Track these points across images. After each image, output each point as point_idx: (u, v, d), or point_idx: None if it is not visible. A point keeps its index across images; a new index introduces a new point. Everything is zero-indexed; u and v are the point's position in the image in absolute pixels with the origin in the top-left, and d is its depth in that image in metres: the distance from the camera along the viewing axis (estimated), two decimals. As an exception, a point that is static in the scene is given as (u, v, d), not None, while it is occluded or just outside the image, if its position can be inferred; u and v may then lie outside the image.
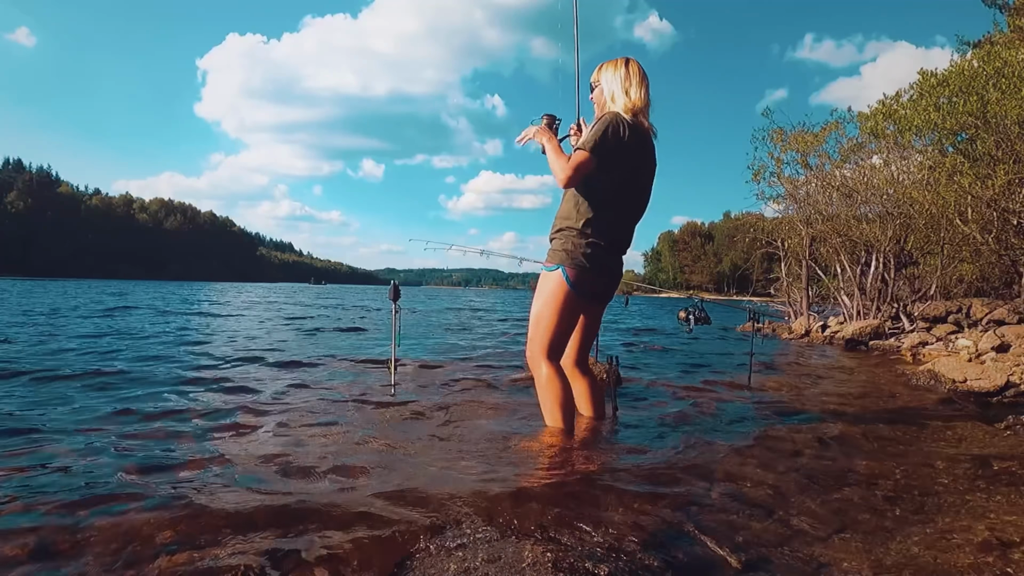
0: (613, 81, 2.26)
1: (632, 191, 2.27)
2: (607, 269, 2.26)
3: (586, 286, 2.21)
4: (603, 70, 2.30)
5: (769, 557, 1.29)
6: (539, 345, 2.22)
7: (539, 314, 2.23)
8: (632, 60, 2.29)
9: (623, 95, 2.23)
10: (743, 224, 13.01)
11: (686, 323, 3.24)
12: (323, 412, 2.64)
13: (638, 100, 2.23)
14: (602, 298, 2.37)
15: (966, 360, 4.11)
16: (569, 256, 2.18)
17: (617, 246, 2.28)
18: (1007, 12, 12.45)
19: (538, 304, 2.25)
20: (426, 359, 4.65)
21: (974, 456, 2.14)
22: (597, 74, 2.32)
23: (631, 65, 2.27)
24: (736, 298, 33.44)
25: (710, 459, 2.04)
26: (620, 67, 2.27)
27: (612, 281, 2.34)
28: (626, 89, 2.24)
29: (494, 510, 1.50)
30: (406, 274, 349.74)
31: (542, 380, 2.23)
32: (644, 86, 2.26)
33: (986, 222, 6.45)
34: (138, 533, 1.34)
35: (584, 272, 2.18)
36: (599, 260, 2.20)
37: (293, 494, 1.60)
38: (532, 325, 2.26)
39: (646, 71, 2.29)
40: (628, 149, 2.15)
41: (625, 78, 2.24)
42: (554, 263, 2.21)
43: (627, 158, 2.17)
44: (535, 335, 2.24)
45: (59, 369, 3.60)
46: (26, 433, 2.17)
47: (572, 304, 2.21)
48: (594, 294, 2.29)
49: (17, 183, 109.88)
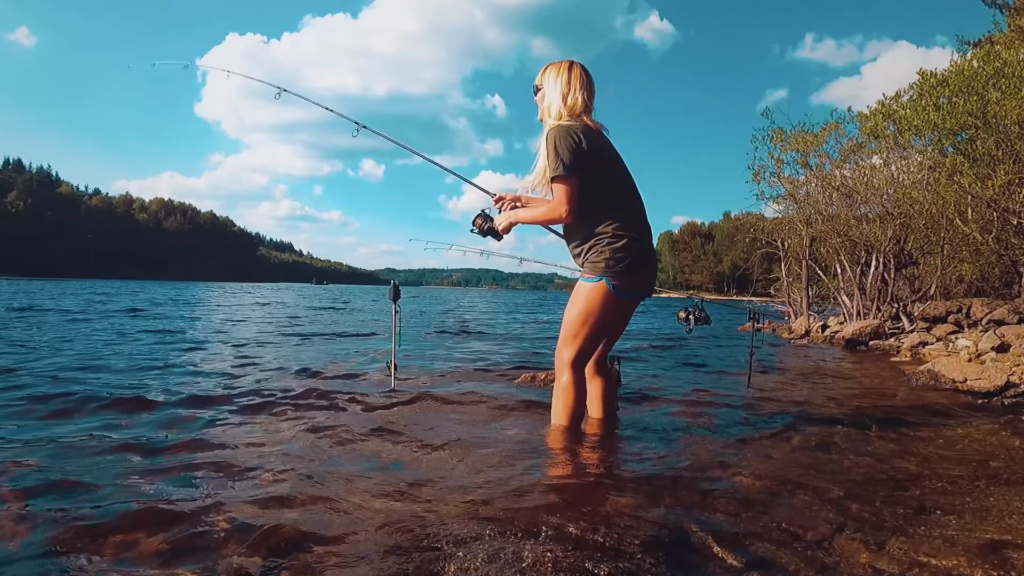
0: (553, 87, 2.20)
1: (618, 181, 2.24)
2: (646, 258, 2.21)
3: (633, 285, 2.18)
4: (547, 73, 2.24)
5: (769, 556, 1.29)
6: (569, 352, 2.20)
7: (574, 323, 2.19)
8: (576, 64, 2.23)
9: (560, 101, 2.17)
10: (743, 224, 13.02)
11: (686, 323, 3.24)
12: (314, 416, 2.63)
13: (575, 105, 2.16)
14: (648, 287, 2.30)
15: (966, 360, 4.11)
16: (608, 266, 2.12)
17: (647, 233, 2.25)
18: (1007, 12, 12.46)
19: (574, 312, 2.19)
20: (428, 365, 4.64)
21: (974, 456, 2.14)
22: (541, 77, 2.26)
23: (574, 69, 2.21)
24: (736, 298, 33.47)
25: (710, 458, 2.04)
26: (563, 72, 2.21)
27: (654, 269, 2.28)
28: (563, 95, 2.17)
29: (494, 510, 1.50)
30: (406, 274, 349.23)
31: (562, 385, 2.24)
32: (585, 90, 2.19)
33: (986, 222, 6.45)
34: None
35: (627, 272, 2.13)
36: (639, 253, 2.16)
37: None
38: (566, 331, 2.22)
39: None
40: (590, 151, 2.11)
41: (566, 83, 2.18)
42: (596, 274, 2.14)
43: (596, 159, 2.13)
44: (568, 342, 2.21)
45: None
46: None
47: (613, 310, 2.18)
48: (640, 288, 2.24)
49: (17, 183, 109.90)
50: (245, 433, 2.29)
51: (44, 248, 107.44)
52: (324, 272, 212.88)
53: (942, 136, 6.85)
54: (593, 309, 2.16)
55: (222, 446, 2.08)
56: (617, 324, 2.35)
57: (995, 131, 6.04)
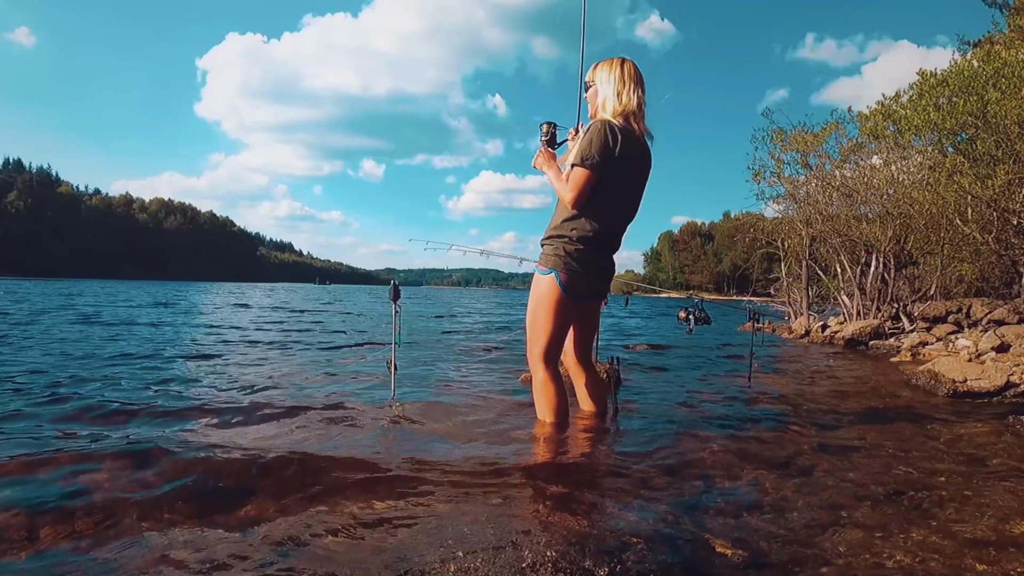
0: (607, 83, 2.21)
1: (622, 196, 2.25)
2: (598, 270, 2.27)
3: (579, 288, 2.22)
4: (598, 69, 2.26)
5: (769, 554, 1.30)
6: (536, 350, 2.24)
7: (534, 318, 2.24)
8: (627, 61, 2.25)
9: (614, 98, 2.19)
10: (743, 224, 13.01)
11: (686, 323, 3.24)
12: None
13: (629, 103, 2.18)
14: (597, 296, 2.37)
15: (966, 360, 4.11)
16: (561, 261, 2.17)
17: (607, 249, 2.28)
18: (1007, 12, 12.46)
19: (532, 308, 2.25)
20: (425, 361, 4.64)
21: (974, 455, 2.14)
22: (592, 73, 2.28)
23: (626, 66, 2.22)
24: (736, 298, 33.42)
25: (709, 458, 2.04)
26: (615, 68, 2.22)
27: (605, 280, 2.34)
28: (618, 92, 2.19)
29: (492, 510, 1.50)
30: (406, 274, 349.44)
31: (538, 383, 2.27)
32: (639, 88, 2.21)
33: (986, 222, 6.45)
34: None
35: (576, 276, 2.18)
36: (590, 263, 2.21)
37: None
38: (528, 329, 2.26)
39: (642, 72, 2.25)
40: (619, 158, 2.12)
41: (619, 80, 2.20)
42: (547, 267, 2.20)
43: (618, 166, 2.14)
44: (532, 339, 2.25)
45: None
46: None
47: (565, 307, 2.22)
48: (588, 295, 2.29)
49: (17, 183, 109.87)
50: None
51: (44, 248, 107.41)
52: (324, 272, 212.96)
53: (942, 136, 6.85)
54: (543, 300, 2.20)
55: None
56: (579, 318, 2.35)
57: (995, 131, 6.04)
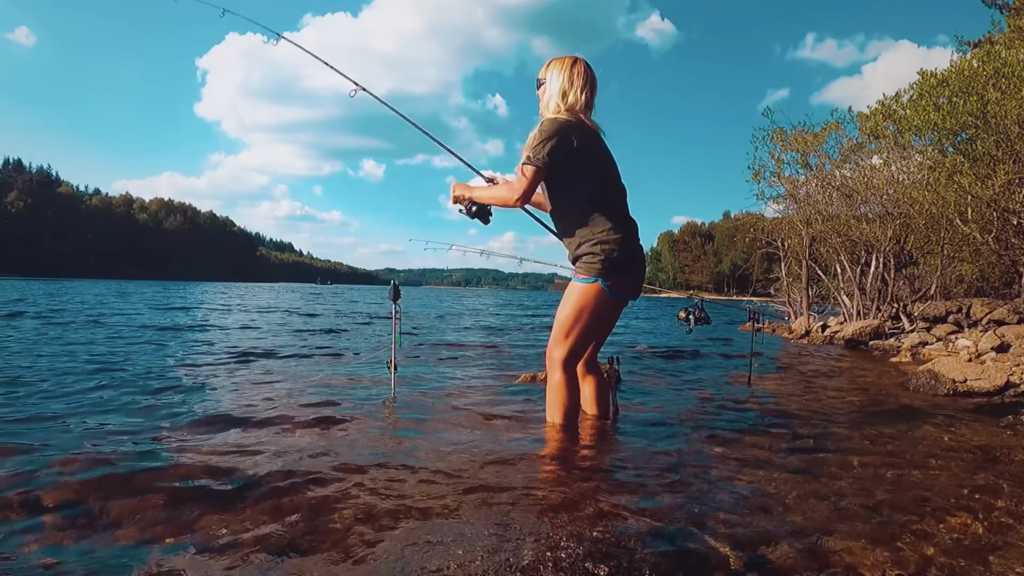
0: (554, 82, 2.20)
1: (616, 185, 2.26)
2: (636, 259, 2.24)
3: (626, 286, 2.21)
4: (550, 68, 2.24)
5: (769, 555, 1.29)
6: (561, 352, 2.21)
7: (567, 322, 2.20)
8: (579, 60, 2.23)
9: (559, 97, 2.18)
10: (743, 224, 13.01)
11: (686, 323, 3.24)
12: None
13: (575, 102, 2.17)
14: (635, 292, 2.32)
15: (966, 360, 4.11)
16: (603, 266, 2.13)
17: (635, 232, 2.26)
18: (1007, 12, 12.45)
19: (567, 312, 2.20)
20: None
21: (974, 455, 2.14)
22: (545, 71, 2.26)
23: (576, 66, 2.20)
24: (736, 298, 33.47)
25: (709, 458, 2.04)
26: (565, 68, 2.20)
27: (643, 270, 2.31)
28: (564, 91, 2.17)
29: (492, 509, 1.50)
30: (406, 274, 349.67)
31: (554, 384, 2.25)
32: (587, 88, 2.20)
33: (986, 222, 6.45)
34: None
35: (621, 274, 2.16)
36: (630, 254, 2.18)
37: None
38: (558, 330, 2.23)
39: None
40: (584, 151, 2.12)
41: (567, 79, 2.18)
42: (591, 275, 2.15)
43: (594, 157, 2.15)
44: (560, 342, 2.22)
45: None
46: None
47: (606, 309, 2.21)
48: (630, 290, 2.26)
49: (17, 183, 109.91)
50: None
51: (44, 248, 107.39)
52: (324, 272, 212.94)
53: (942, 136, 6.86)
54: (586, 309, 2.18)
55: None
56: (607, 324, 2.36)
57: (995, 131, 6.04)
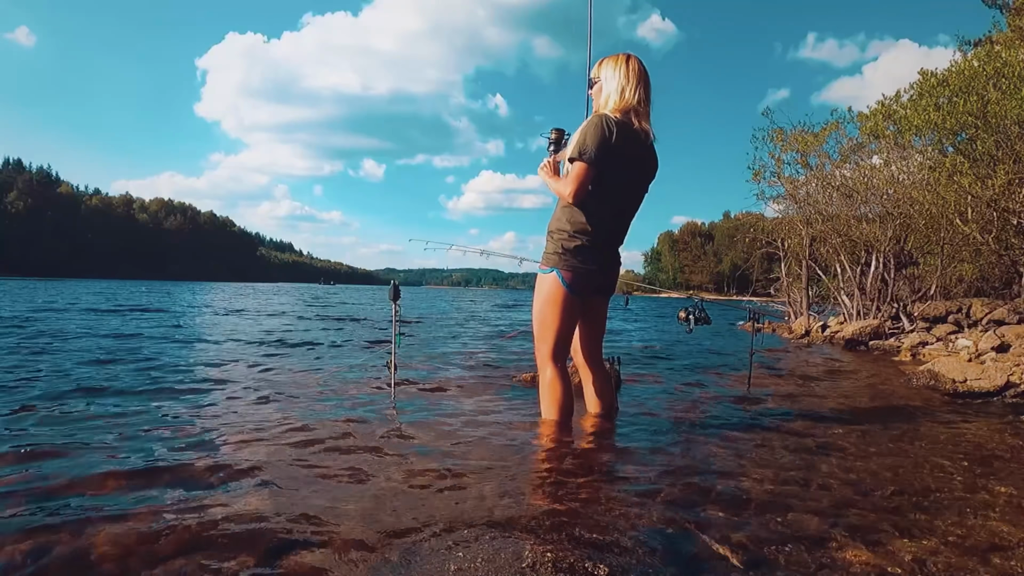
0: (611, 79, 2.21)
1: (620, 189, 2.24)
2: (602, 265, 2.25)
3: (583, 285, 2.21)
4: (603, 66, 2.25)
5: (769, 556, 1.29)
6: (544, 348, 2.24)
7: (540, 317, 2.24)
8: (633, 57, 2.24)
9: (617, 95, 2.19)
10: (743, 224, 13.03)
11: (686, 323, 3.23)
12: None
13: (631, 100, 2.18)
14: (603, 292, 2.35)
15: (966, 360, 4.11)
16: (561, 258, 2.17)
17: (610, 242, 2.27)
18: (1007, 12, 12.45)
19: (538, 307, 2.25)
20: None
21: (974, 456, 2.14)
22: (597, 70, 2.28)
23: (631, 62, 2.22)
24: (736, 298, 33.43)
25: (709, 458, 2.04)
26: (620, 64, 2.22)
27: (610, 274, 2.32)
28: (621, 88, 2.19)
29: (492, 509, 1.50)
30: (406, 274, 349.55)
31: (545, 381, 2.27)
32: (642, 86, 2.20)
33: (986, 222, 6.45)
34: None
35: (579, 272, 2.18)
36: (593, 258, 2.20)
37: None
38: (535, 325, 2.27)
39: (647, 70, 2.25)
40: (615, 150, 2.12)
41: (623, 76, 2.19)
42: (549, 266, 2.20)
43: (615, 159, 2.14)
44: (539, 338, 2.25)
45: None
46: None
47: (570, 304, 2.21)
48: (593, 290, 2.28)
49: (17, 183, 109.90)
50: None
51: (44, 248, 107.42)
52: (325, 272, 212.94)
53: (942, 136, 6.85)
54: (549, 301, 2.20)
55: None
56: (584, 317, 2.34)
57: (995, 131, 6.04)
